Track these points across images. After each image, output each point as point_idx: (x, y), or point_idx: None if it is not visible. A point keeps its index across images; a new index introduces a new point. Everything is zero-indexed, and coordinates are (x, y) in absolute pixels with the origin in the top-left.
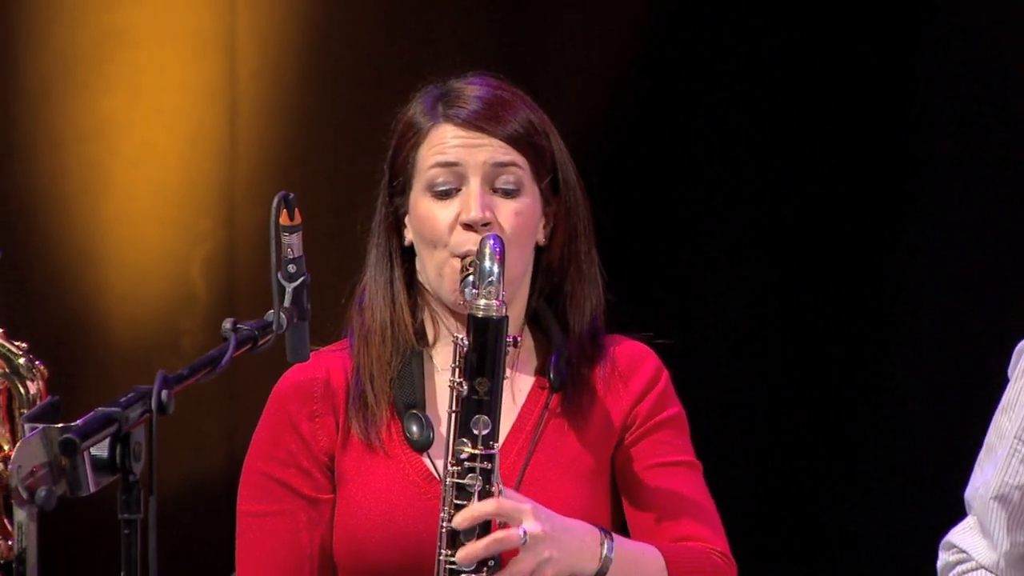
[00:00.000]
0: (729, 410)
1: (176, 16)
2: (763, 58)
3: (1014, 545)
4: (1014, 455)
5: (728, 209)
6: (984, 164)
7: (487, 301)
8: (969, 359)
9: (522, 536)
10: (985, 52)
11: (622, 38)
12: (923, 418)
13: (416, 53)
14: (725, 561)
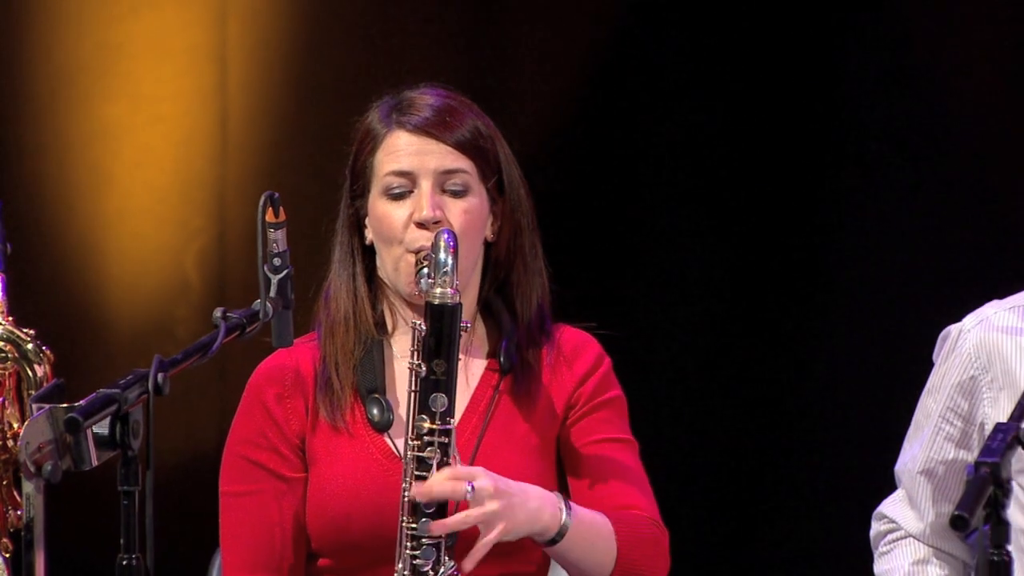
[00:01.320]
0: (665, 394)
1: (171, 32)
2: (706, 65)
3: (939, 515)
4: (939, 433)
5: (671, 208)
6: (912, 162)
7: (442, 290)
8: (898, 346)
9: (468, 490)
10: (911, 55)
11: (574, 53)
12: (857, 400)
13: (390, 67)
14: (659, 528)
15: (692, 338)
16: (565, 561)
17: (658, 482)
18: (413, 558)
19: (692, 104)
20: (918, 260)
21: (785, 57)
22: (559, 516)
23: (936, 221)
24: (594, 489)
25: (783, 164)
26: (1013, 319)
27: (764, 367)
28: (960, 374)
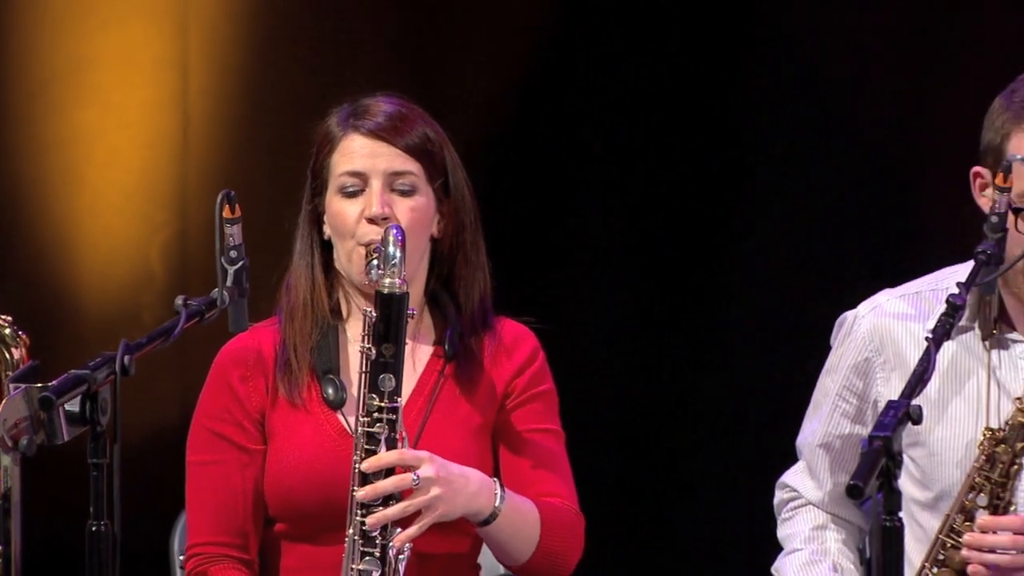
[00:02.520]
0: (592, 388)
1: (137, 45)
2: (626, 74)
3: (836, 485)
4: (836, 410)
5: (596, 209)
6: (811, 163)
7: (391, 280)
8: (799, 331)
9: (415, 479)
10: (810, 66)
11: (508, 64)
12: (761, 382)
13: (338, 76)
14: (577, 516)
15: (616, 333)
16: (493, 541)
17: (579, 470)
18: (362, 523)
19: (615, 110)
20: (817, 253)
21: (698, 67)
22: (494, 500)
23: (834, 217)
24: (522, 475)
25: (696, 165)
26: (903, 306)
27: (679, 360)
28: (855, 356)
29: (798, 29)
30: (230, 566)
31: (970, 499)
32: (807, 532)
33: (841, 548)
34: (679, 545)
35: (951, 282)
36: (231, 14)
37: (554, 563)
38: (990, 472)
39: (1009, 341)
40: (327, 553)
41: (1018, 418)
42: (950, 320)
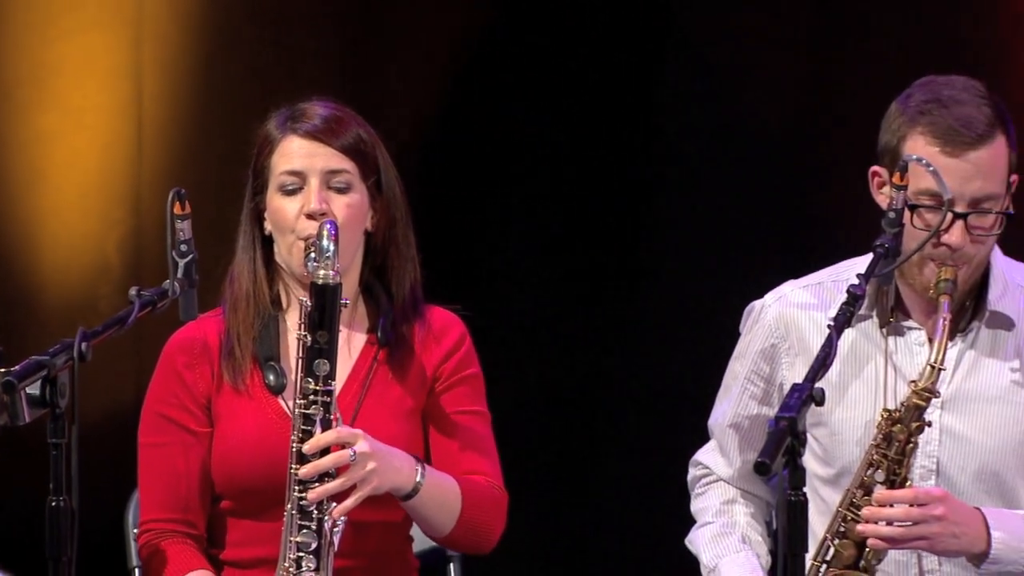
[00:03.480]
0: (516, 372)
1: (95, 54)
2: (548, 81)
3: (745, 462)
4: (744, 392)
5: (520, 203)
6: (721, 163)
7: (325, 271)
8: (711, 319)
9: (352, 455)
10: (719, 73)
11: (435, 70)
12: (676, 366)
13: (279, 82)
14: (500, 492)
15: (540, 320)
16: (416, 514)
17: (505, 449)
18: (300, 499)
19: (538, 112)
20: (727, 247)
21: (615, 72)
22: (414, 476)
23: (742, 214)
24: (450, 454)
25: (614, 164)
26: (806, 296)
27: (599, 346)
28: (762, 342)
29: (708, 39)
30: (179, 540)
31: (869, 475)
32: (718, 506)
33: (749, 521)
34: (601, 519)
35: (851, 273)
36: (182, 26)
37: (476, 536)
38: (887, 450)
39: (905, 328)
40: (269, 527)
41: (913, 400)
42: (850, 309)
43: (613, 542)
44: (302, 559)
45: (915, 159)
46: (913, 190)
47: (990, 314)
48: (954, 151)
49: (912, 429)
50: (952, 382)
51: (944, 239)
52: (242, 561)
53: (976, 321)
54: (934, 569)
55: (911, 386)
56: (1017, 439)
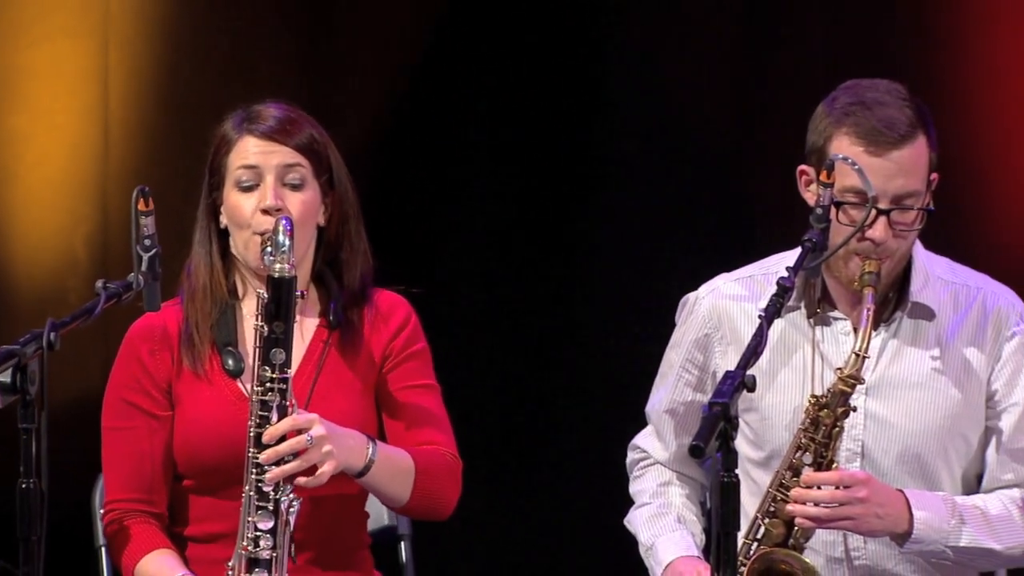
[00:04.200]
0: (462, 345)
1: (64, 59)
2: (495, 79)
3: (680, 446)
4: (680, 380)
5: (468, 192)
6: (659, 159)
7: (281, 265)
8: (648, 309)
9: (309, 439)
10: (658, 73)
11: (386, 76)
12: (615, 354)
13: (239, 86)
14: (454, 459)
15: (483, 298)
16: (371, 489)
17: (457, 419)
18: (258, 481)
19: (485, 113)
20: (663, 241)
21: (560, 77)
22: (366, 454)
23: (679, 211)
24: (403, 427)
25: (558, 163)
26: (738, 288)
27: (545, 331)
28: (696, 332)
29: (647, 42)
30: (142, 519)
31: (797, 458)
32: (654, 488)
33: (685, 502)
34: (548, 487)
35: (780, 267)
36: (145, 33)
37: (432, 504)
38: (814, 434)
39: (831, 319)
40: (228, 504)
41: (839, 386)
42: (780, 300)
43: (558, 519)
44: (259, 538)
45: (841, 158)
46: (839, 188)
47: (912, 305)
48: (877, 151)
49: (838, 414)
50: (876, 369)
51: (868, 234)
52: (203, 536)
53: (899, 312)
54: (859, 547)
55: (837, 373)
56: (938, 423)
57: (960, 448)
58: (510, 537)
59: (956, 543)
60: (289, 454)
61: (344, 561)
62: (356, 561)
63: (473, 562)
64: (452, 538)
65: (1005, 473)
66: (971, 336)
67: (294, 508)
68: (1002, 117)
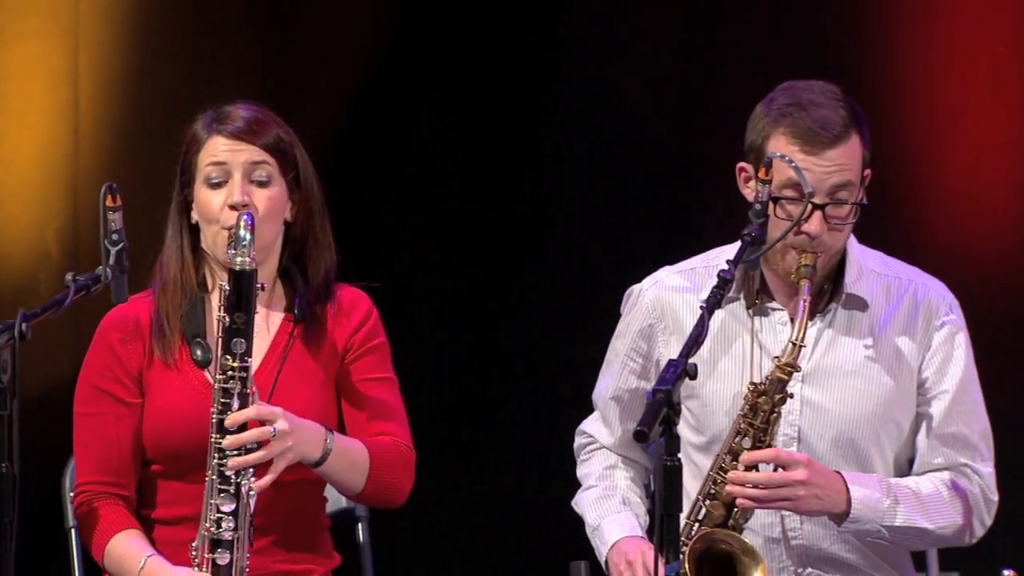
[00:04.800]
0: (418, 339)
1: (36, 61)
2: (449, 84)
3: (625, 431)
4: (625, 368)
5: (423, 193)
6: (604, 156)
7: (242, 259)
8: (594, 301)
9: (272, 432)
10: (603, 77)
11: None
12: (564, 342)
13: (205, 87)
14: (408, 450)
15: (438, 293)
16: (328, 477)
17: (413, 410)
18: (220, 466)
19: (438, 114)
20: (609, 235)
21: (509, 78)
22: (323, 445)
23: (622, 204)
24: (362, 418)
25: (509, 160)
26: (680, 280)
27: (495, 317)
28: (640, 322)
29: (593, 48)
30: (111, 502)
31: (736, 442)
32: (600, 471)
33: (629, 484)
34: (499, 471)
35: (721, 260)
36: (115, 35)
37: (386, 493)
38: (753, 419)
39: (769, 309)
40: (193, 488)
41: (776, 374)
42: (720, 292)
43: (508, 501)
44: (222, 520)
45: (778, 156)
46: (776, 184)
47: (846, 296)
48: (813, 149)
49: (776, 400)
50: (812, 358)
51: (805, 228)
52: (169, 519)
53: (834, 303)
54: (796, 528)
55: (775, 361)
56: (870, 409)
57: (892, 433)
58: (464, 518)
59: (891, 523)
60: (252, 443)
61: (305, 543)
62: (316, 543)
63: (428, 542)
64: (407, 520)
65: (935, 457)
66: (903, 326)
67: (254, 493)
68: (934, 117)
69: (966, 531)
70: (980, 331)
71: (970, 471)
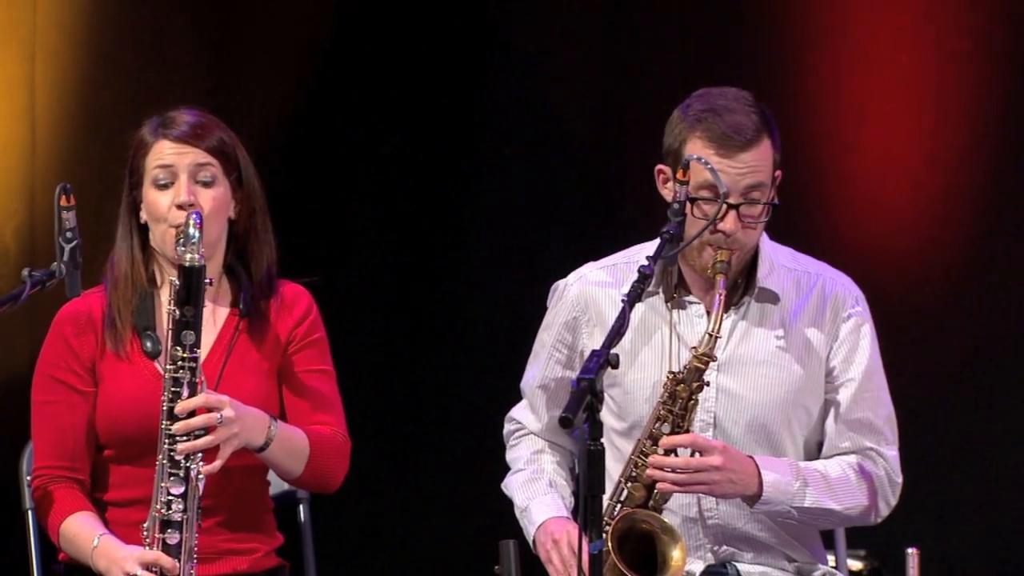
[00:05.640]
0: (357, 334)
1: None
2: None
3: (551, 418)
4: (551, 358)
5: (363, 191)
6: (535, 157)
7: (191, 255)
8: (522, 295)
9: (219, 418)
10: (532, 85)
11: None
12: (494, 334)
13: (154, 93)
14: (344, 439)
15: (374, 289)
16: (269, 463)
17: (350, 402)
18: (170, 450)
19: (375, 116)
20: (537, 233)
21: (445, 79)
22: (266, 432)
23: (550, 203)
24: (300, 407)
25: (444, 162)
26: (603, 276)
27: (428, 311)
28: (566, 315)
29: (523, 58)
30: (67, 485)
31: (656, 428)
32: (528, 455)
33: (555, 468)
34: (433, 456)
35: (641, 256)
36: (69, 44)
37: (323, 478)
38: (672, 406)
39: (687, 302)
40: (144, 472)
41: (693, 363)
42: (641, 286)
43: (441, 484)
44: (172, 502)
45: (695, 159)
46: (693, 185)
47: (759, 290)
48: (727, 152)
49: (693, 388)
50: (727, 348)
51: (720, 227)
52: (122, 501)
53: (747, 296)
54: (712, 508)
55: (692, 352)
56: (782, 396)
57: (802, 419)
58: (399, 500)
59: (800, 504)
60: (200, 429)
61: (249, 524)
62: (260, 524)
63: (365, 523)
64: (346, 502)
65: (843, 441)
66: (812, 318)
67: (202, 476)
68: (840, 122)
69: (872, 511)
70: (884, 323)
71: (875, 454)
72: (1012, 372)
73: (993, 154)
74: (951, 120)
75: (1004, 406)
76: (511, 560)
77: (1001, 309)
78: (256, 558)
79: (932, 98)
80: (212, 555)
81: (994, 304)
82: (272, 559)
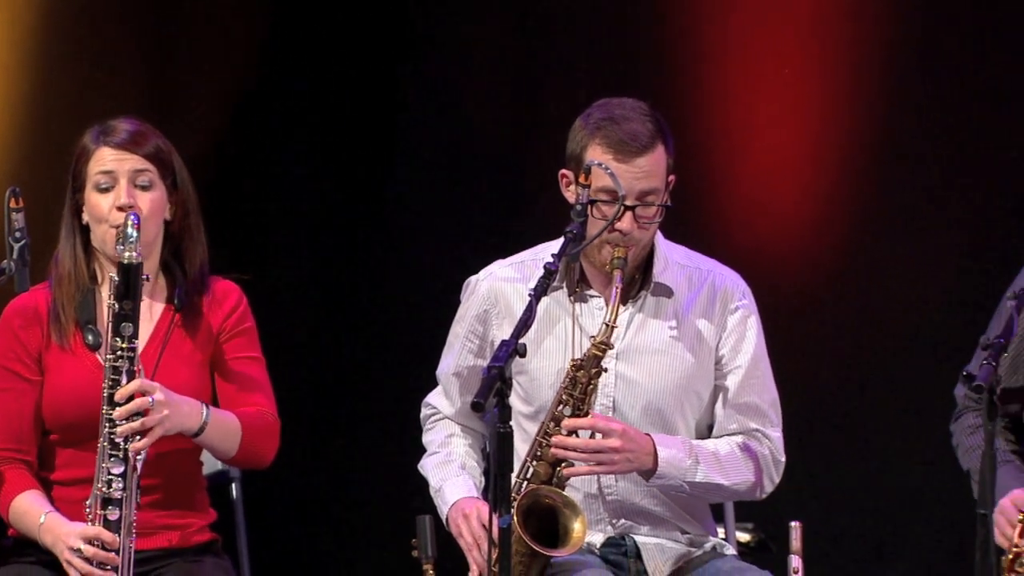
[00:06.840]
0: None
1: None
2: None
3: (464, 403)
4: (464, 348)
5: (291, 193)
6: (449, 164)
7: (129, 253)
8: (437, 288)
9: (150, 402)
10: (447, 97)
11: (222, 92)
12: (413, 326)
13: (99, 103)
14: (274, 419)
15: (301, 283)
16: (205, 445)
17: (279, 385)
18: (110, 433)
19: (303, 125)
20: (450, 230)
21: (367, 89)
22: (200, 418)
23: (462, 204)
24: (233, 392)
25: (365, 165)
26: (511, 272)
27: (352, 304)
28: (477, 309)
29: (439, 67)
30: (16, 466)
31: (559, 411)
32: (442, 439)
33: (468, 451)
34: (355, 438)
35: (547, 254)
36: (17, 57)
37: (255, 457)
38: (573, 391)
39: (588, 296)
40: (87, 454)
41: (593, 351)
42: (546, 281)
43: (363, 464)
44: (112, 481)
45: (596, 164)
46: (594, 188)
47: (654, 285)
48: (624, 158)
49: (592, 374)
50: (624, 338)
51: (618, 226)
52: (67, 480)
53: (643, 291)
54: (611, 485)
55: (592, 341)
56: (675, 382)
57: (694, 403)
58: (325, 479)
59: (692, 479)
60: (135, 412)
61: (184, 501)
62: (194, 501)
63: (293, 499)
64: (275, 480)
65: (731, 423)
66: (703, 310)
67: (140, 456)
68: (729, 131)
69: (757, 487)
70: (769, 315)
71: (761, 435)
72: (887, 361)
73: (873, 159)
74: (832, 128)
75: (880, 391)
76: (427, 534)
77: (878, 302)
78: (190, 532)
79: (815, 107)
80: (149, 530)
81: (872, 297)
82: (205, 534)
